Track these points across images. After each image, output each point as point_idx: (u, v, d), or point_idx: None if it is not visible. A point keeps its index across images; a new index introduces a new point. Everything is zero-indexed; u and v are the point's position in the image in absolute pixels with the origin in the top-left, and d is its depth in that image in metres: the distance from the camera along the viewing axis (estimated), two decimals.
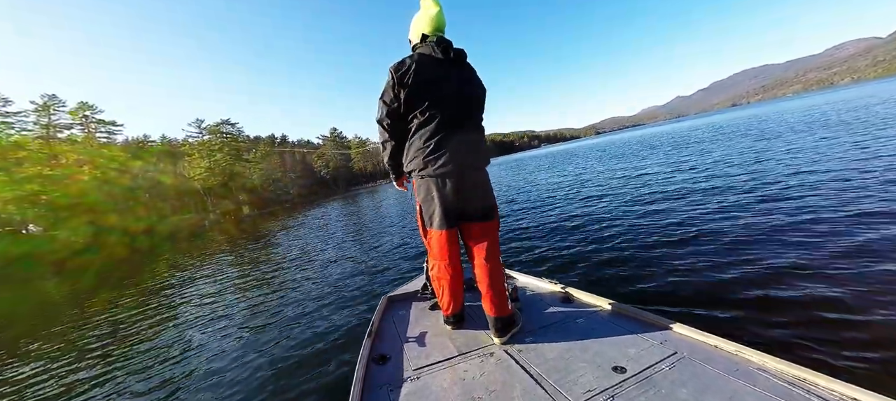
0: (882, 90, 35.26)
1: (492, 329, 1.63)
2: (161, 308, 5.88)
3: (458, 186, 1.60)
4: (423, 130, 1.58)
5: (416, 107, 1.57)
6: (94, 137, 37.99)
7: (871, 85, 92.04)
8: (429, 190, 1.62)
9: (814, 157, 7.31)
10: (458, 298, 1.73)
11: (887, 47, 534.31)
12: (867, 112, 14.59)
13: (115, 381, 3.36)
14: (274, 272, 6.86)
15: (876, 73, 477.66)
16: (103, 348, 4.39)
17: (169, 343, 4.07)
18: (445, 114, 1.57)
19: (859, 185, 4.85)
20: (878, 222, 3.51)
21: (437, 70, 1.58)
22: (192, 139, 52.08)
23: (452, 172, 1.57)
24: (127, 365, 3.69)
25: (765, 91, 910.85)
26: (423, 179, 1.62)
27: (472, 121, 1.68)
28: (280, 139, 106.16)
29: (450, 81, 1.60)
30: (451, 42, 1.63)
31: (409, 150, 1.64)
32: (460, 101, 1.62)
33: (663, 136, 30.59)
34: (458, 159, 1.57)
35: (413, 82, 1.53)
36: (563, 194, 9.56)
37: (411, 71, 1.53)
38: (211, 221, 39.98)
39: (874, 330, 2.05)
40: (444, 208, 1.61)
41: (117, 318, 5.77)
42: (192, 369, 3.25)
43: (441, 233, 1.64)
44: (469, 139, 1.63)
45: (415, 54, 1.62)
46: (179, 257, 13.12)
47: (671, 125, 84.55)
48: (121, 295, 7.73)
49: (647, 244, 4.24)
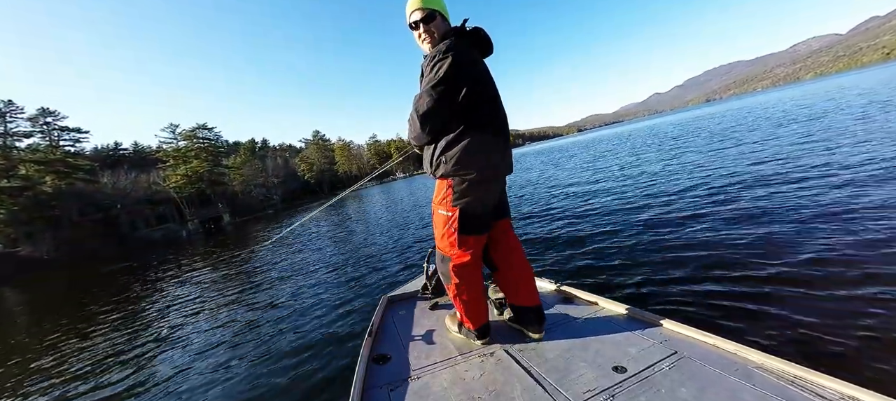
0: (847, 82, 37.09)
1: (528, 325, 1.62)
2: (150, 317, 5.47)
3: (498, 189, 1.60)
4: (474, 130, 1.46)
5: (473, 105, 1.44)
6: (56, 145, 35.69)
7: (834, 78, 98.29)
8: (476, 195, 1.51)
9: (811, 151, 7.29)
10: (487, 309, 1.66)
11: (847, 43, 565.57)
12: (849, 103, 15.11)
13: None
14: (268, 277, 6.56)
15: (837, 67, 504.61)
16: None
17: (160, 344, 3.95)
18: (494, 114, 1.53)
19: (863, 182, 4.69)
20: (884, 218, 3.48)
21: (483, 64, 1.55)
22: (167, 145, 49.80)
23: (499, 176, 1.56)
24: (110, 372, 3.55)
25: (736, 86, 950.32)
26: (472, 183, 1.49)
27: (506, 121, 1.62)
28: (261, 143, 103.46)
29: (491, 79, 1.56)
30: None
31: (462, 151, 1.46)
32: (499, 100, 1.57)
33: (651, 132, 31.04)
34: (505, 161, 1.56)
35: (470, 77, 1.41)
36: (561, 193, 9.44)
37: (467, 63, 1.41)
38: (190, 231, 38.23)
39: (874, 330, 2.04)
40: (486, 212, 1.56)
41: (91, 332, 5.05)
42: (192, 368, 3.18)
43: (481, 239, 1.58)
44: (507, 140, 1.59)
45: (461, 44, 1.45)
46: (160, 268, 12.17)
47: (650, 121, 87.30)
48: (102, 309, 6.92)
49: (648, 245, 4.19)
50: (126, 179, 45.19)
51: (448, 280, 1.61)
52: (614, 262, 3.88)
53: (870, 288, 2.46)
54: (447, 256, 1.59)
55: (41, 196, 28.17)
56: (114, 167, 49.73)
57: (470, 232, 1.54)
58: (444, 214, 1.55)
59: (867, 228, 3.38)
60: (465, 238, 1.54)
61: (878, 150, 6.00)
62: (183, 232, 38.44)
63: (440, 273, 1.67)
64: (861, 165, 5.44)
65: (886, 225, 3.33)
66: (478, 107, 1.45)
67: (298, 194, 74.11)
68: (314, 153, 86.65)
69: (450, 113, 1.43)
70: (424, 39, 1.54)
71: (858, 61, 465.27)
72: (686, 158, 10.19)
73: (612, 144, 25.51)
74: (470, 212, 1.52)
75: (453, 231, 1.54)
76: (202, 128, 51.13)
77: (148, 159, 53.11)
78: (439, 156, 1.50)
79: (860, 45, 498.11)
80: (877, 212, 3.62)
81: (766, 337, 2.16)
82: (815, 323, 2.20)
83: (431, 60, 1.42)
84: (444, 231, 1.57)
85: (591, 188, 8.90)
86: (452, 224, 1.53)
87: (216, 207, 46.48)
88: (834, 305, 2.36)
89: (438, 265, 1.67)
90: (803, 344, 2.04)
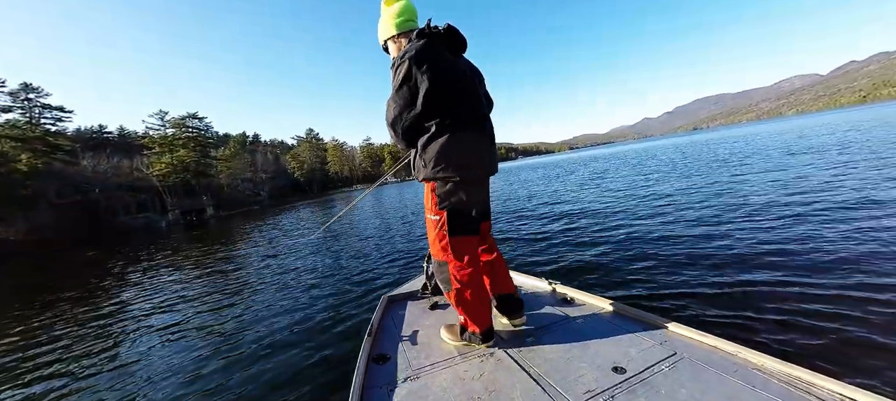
0: (830, 120, 38.85)
1: (507, 313, 1.69)
2: (137, 312, 5.00)
3: (483, 189, 1.61)
4: (450, 129, 1.42)
5: (441, 102, 1.39)
6: (37, 123, 34.34)
7: (815, 116, 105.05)
8: (461, 195, 1.48)
9: (801, 174, 7.60)
10: (490, 310, 1.61)
11: (828, 83, 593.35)
12: (838, 138, 15.63)
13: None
14: (265, 277, 6.19)
15: (818, 106, 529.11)
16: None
17: (152, 345, 3.71)
18: (473, 111, 1.50)
19: (864, 188, 5.21)
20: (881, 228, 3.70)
21: (453, 59, 1.49)
22: (154, 132, 48.48)
23: (484, 175, 1.56)
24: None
25: (723, 117, 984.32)
26: (456, 184, 1.47)
27: (489, 120, 1.61)
28: (252, 138, 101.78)
29: (468, 75, 1.53)
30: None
31: (438, 152, 1.42)
32: (477, 95, 1.54)
33: (648, 154, 31.62)
34: (488, 161, 1.54)
35: (434, 73, 1.36)
36: (565, 200, 9.54)
37: (429, 61, 1.36)
38: (169, 222, 37.06)
39: (874, 330, 2.06)
40: (475, 212, 1.54)
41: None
42: (189, 368, 3.04)
43: (473, 240, 1.56)
44: (491, 138, 1.59)
45: (422, 43, 1.40)
46: (140, 259, 11.59)
47: (642, 144, 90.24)
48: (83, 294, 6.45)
49: (648, 246, 4.31)
50: (108, 162, 43.74)
51: (448, 286, 1.55)
52: (615, 263, 3.91)
53: (870, 290, 2.50)
54: (443, 262, 1.54)
55: (15, 175, 26.92)
56: (96, 150, 48.13)
57: (461, 233, 1.51)
58: (434, 218, 1.53)
59: (866, 230, 3.54)
60: (457, 240, 1.51)
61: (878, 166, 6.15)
62: (162, 223, 37.22)
63: (438, 280, 1.61)
64: (865, 177, 5.83)
65: (887, 226, 3.51)
66: (451, 104, 1.40)
67: (287, 192, 72.81)
68: (306, 151, 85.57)
69: (420, 113, 1.39)
70: (394, 51, 1.59)
71: (837, 102, 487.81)
72: (687, 173, 10.49)
73: (610, 162, 25.81)
74: (458, 213, 1.49)
75: (444, 234, 1.51)
76: (192, 117, 50.01)
77: (133, 145, 51.55)
78: (419, 158, 1.49)
79: (839, 87, 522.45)
80: (877, 211, 3.78)
81: (767, 338, 2.16)
82: (815, 324, 2.21)
83: (393, 67, 1.43)
84: (436, 235, 1.54)
85: (592, 192, 9.23)
86: (442, 227, 1.51)
87: (200, 198, 45.25)
88: (834, 306, 2.37)
89: (436, 272, 1.61)
90: (803, 345, 2.04)
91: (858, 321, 2.18)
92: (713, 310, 2.57)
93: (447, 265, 1.53)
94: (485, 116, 1.56)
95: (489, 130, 1.57)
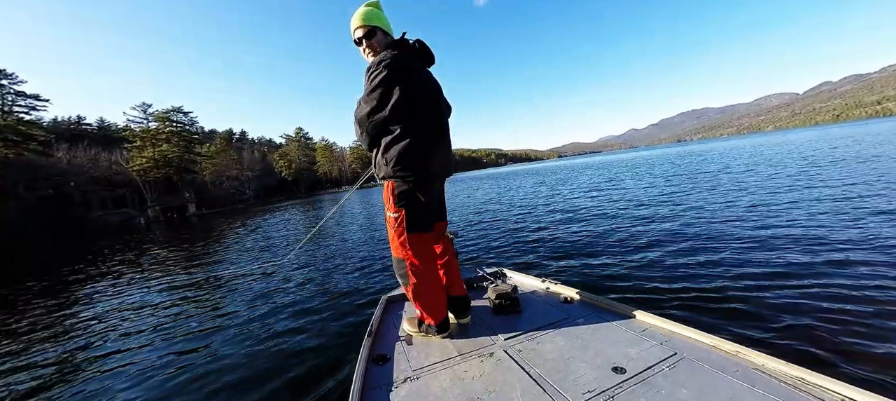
0: (811, 136, 40.39)
1: (459, 311, 1.77)
2: (131, 312, 4.54)
3: (439, 189, 1.76)
4: (412, 133, 1.51)
5: (409, 110, 1.49)
6: (9, 111, 32.72)
7: (792, 132, 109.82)
8: (417, 194, 1.57)
9: (790, 181, 7.63)
10: (445, 303, 1.71)
11: (804, 101, 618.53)
12: (819, 150, 16.08)
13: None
14: (261, 276, 5.85)
15: (794, 123, 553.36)
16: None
17: (146, 346, 3.44)
18: (435, 118, 1.61)
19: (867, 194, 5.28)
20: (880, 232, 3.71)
21: (422, 72, 1.63)
22: (136, 125, 46.87)
23: (439, 175, 1.66)
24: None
25: (705, 130, 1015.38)
26: (414, 184, 1.56)
27: (448, 127, 1.74)
28: (238, 135, 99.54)
29: (433, 87, 1.67)
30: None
31: (399, 153, 1.52)
32: (439, 105, 1.67)
33: (644, 160, 32.11)
34: (442, 164, 1.64)
35: (405, 82, 1.48)
36: (561, 200, 9.55)
37: (403, 70, 1.49)
38: (148, 219, 35.70)
39: (874, 330, 2.07)
40: (430, 211, 1.65)
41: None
42: (187, 369, 2.91)
43: (429, 235, 1.66)
44: (448, 144, 1.72)
45: (400, 53, 1.54)
46: (124, 256, 10.91)
47: (630, 154, 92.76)
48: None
49: (648, 247, 4.31)
50: (85, 155, 41.96)
51: (406, 281, 1.64)
52: (615, 264, 3.91)
53: (870, 290, 2.51)
54: (402, 259, 1.62)
55: None
56: (72, 142, 46.13)
57: (417, 230, 1.59)
58: (392, 215, 1.60)
59: (866, 230, 3.59)
60: (414, 237, 1.58)
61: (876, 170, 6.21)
62: (140, 219, 35.80)
63: (397, 275, 1.69)
64: (866, 184, 5.99)
65: (888, 229, 3.56)
66: (416, 111, 1.50)
67: (273, 191, 71.36)
68: (295, 150, 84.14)
69: (387, 117, 1.47)
70: (368, 53, 1.63)
71: (813, 119, 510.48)
72: (680, 181, 10.46)
73: (611, 170, 26.02)
74: (414, 211, 1.57)
75: (402, 231, 1.58)
76: (177, 111, 48.64)
77: (113, 138, 49.59)
78: (381, 157, 1.55)
79: (815, 106, 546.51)
80: (881, 216, 3.86)
81: (767, 338, 2.14)
82: (815, 324, 2.20)
83: (369, 70, 1.49)
84: (395, 232, 1.61)
85: (593, 195, 9.24)
86: (401, 224, 1.58)
87: (182, 195, 43.82)
88: (834, 306, 2.37)
89: (395, 268, 1.69)
90: (804, 346, 2.02)
91: (859, 322, 2.17)
92: (713, 310, 2.57)
93: (405, 262, 1.61)
94: (445, 124, 1.69)
95: (447, 137, 1.69)
